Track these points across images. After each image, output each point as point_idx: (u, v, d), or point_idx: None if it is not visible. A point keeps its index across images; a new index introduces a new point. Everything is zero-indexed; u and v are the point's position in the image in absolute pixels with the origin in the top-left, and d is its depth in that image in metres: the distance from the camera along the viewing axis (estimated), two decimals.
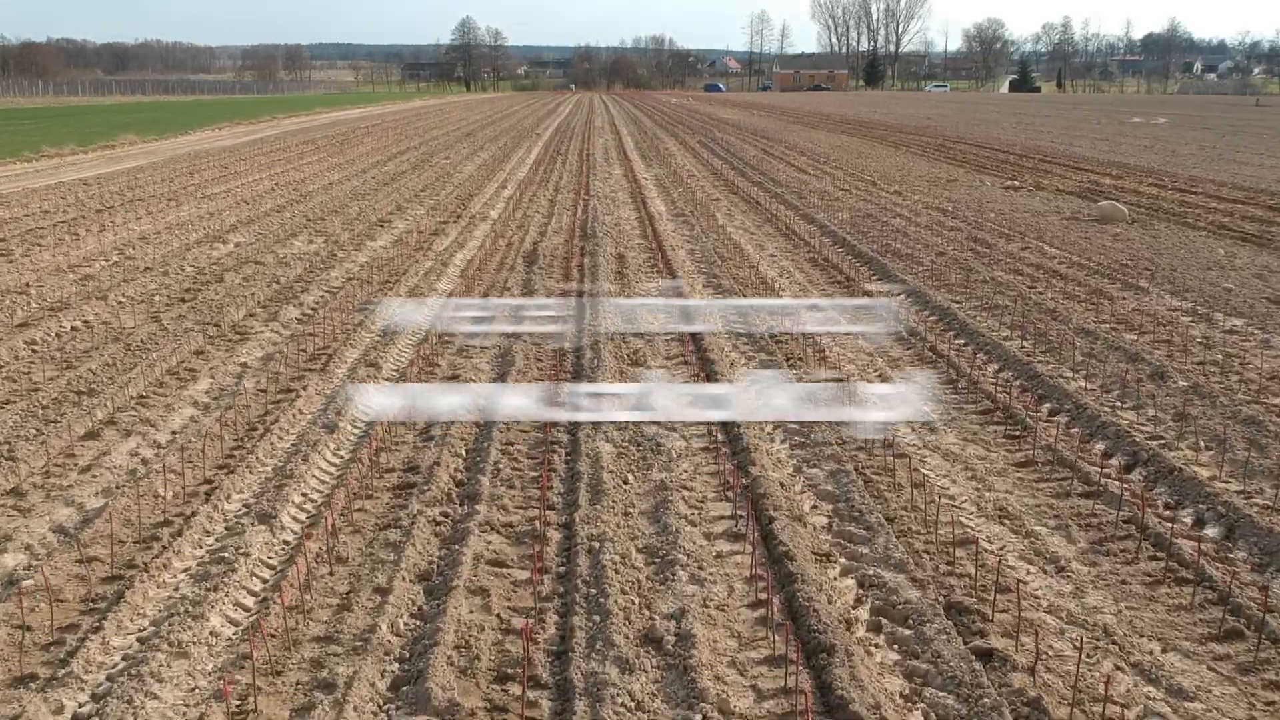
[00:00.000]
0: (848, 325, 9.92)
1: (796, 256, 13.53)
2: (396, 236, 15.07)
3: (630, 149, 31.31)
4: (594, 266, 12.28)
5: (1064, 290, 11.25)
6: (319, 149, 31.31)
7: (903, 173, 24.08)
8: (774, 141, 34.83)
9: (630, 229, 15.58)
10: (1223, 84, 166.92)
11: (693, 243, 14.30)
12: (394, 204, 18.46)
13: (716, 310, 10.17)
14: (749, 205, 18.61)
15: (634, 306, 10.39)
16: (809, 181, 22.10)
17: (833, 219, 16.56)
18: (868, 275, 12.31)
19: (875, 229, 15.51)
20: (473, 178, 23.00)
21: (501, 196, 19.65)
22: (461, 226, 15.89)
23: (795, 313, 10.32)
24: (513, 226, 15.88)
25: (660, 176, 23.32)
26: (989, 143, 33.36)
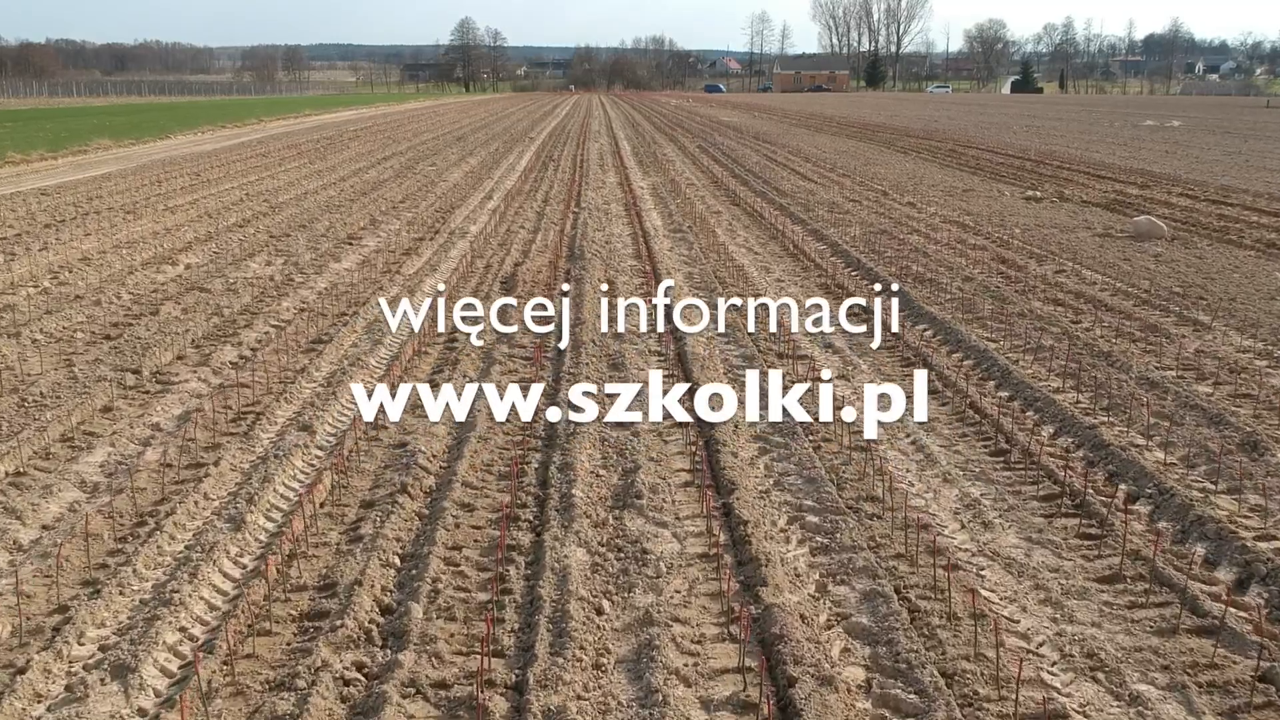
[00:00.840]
0: (866, 366, 8.55)
1: (807, 282, 12.14)
2: (364, 256, 13.68)
3: (626, 155, 29.94)
4: (579, 296, 10.90)
5: (1114, 326, 9.85)
6: (301, 154, 29.94)
7: (915, 181, 22.69)
8: (777, 146, 33.45)
9: (622, 247, 14.20)
10: (1225, 84, 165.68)
11: (690, 264, 12.91)
12: (368, 217, 17.08)
13: (719, 366, 8.80)
14: (752, 219, 17.22)
15: (619, 351, 9.03)
16: (816, 191, 20.71)
17: (844, 235, 15.18)
18: (887, 301, 10.93)
19: (891, 247, 14.13)
20: (457, 187, 21.62)
21: (486, 209, 18.27)
22: (438, 245, 14.50)
23: (808, 355, 8.96)
24: (494, 244, 14.50)
25: (657, 186, 21.94)
26: (1002, 148, 31.98)
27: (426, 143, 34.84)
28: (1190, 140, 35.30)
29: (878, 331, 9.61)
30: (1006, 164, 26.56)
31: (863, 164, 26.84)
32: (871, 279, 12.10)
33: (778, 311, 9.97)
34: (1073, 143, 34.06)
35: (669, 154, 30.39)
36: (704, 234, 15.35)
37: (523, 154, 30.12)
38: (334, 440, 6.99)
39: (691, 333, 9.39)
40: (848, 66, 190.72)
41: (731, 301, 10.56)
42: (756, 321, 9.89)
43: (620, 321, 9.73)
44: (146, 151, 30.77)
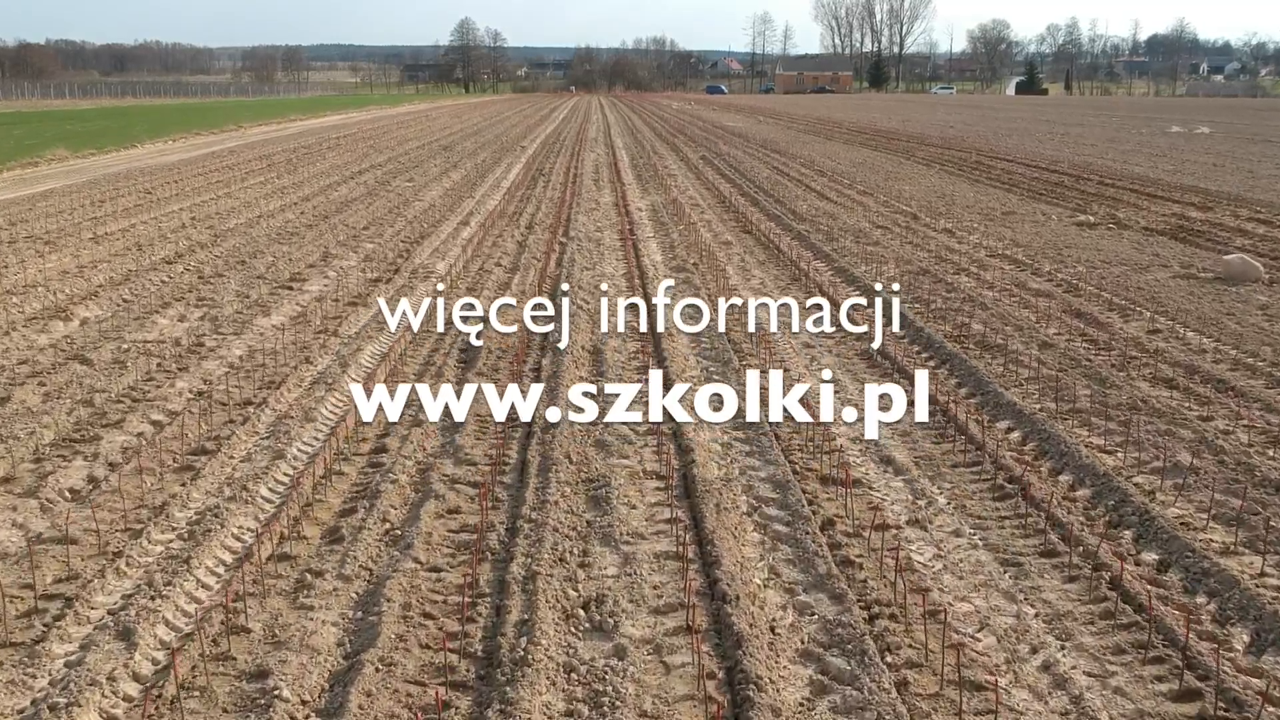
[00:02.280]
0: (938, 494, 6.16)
1: (844, 349, 9.75)
2: (302, 308, 11.30)
3: (624, 167, 27.54)
4: (553, 390, 8.49)
5: (1262, 426, 7.45)
6: (271, 166, 27.55)
7: (946, 201, 20.30)
8: (787, 157, 31.05)
9: (615, 293, 11.81)
10: (1231, 85, 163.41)
11: (697, 320, 10.53)
12: (322, 250, 14.70)
13: (743, 504, 6.40)
14: (768, 253, 14.82)
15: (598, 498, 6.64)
16: (837, 214, 18.31)
17: (878, 274, 12.81)
18: (949, 383, 8.54)
19: (939, 294, 11.74)
20: (433, 208, 19.23)
21: (459, 239, 15.87)
22: (393, 291, 12.12)
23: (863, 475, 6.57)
24: (460, 290, 12.11)
25: (658, 206, 19.56)
26: (1031, 158, 29.57)
27: (410, 152, 32.45)
28: (1232, 150, 32.85)
29: (954, 438, 7.22)
30: (1042, 179, 24.15)
31: (884, 179, 24.43)
32: (924, 344, 9.71)
33: (813, 398, 7.58)
34: (1105, 152, 31.64)
35: (670, 166, 27.99)
36: (713, 274, 12.97)
37: (511, 166, 27.72)
38: (157, 666, 4.57)
39: (701, 441, 7.01)
40: (850, 67, 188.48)
41: (755, 382, 8.17)
42: (786, 418, 7.47)
43: (611, 410, 7.31)
44: (104, 163, 28.39)
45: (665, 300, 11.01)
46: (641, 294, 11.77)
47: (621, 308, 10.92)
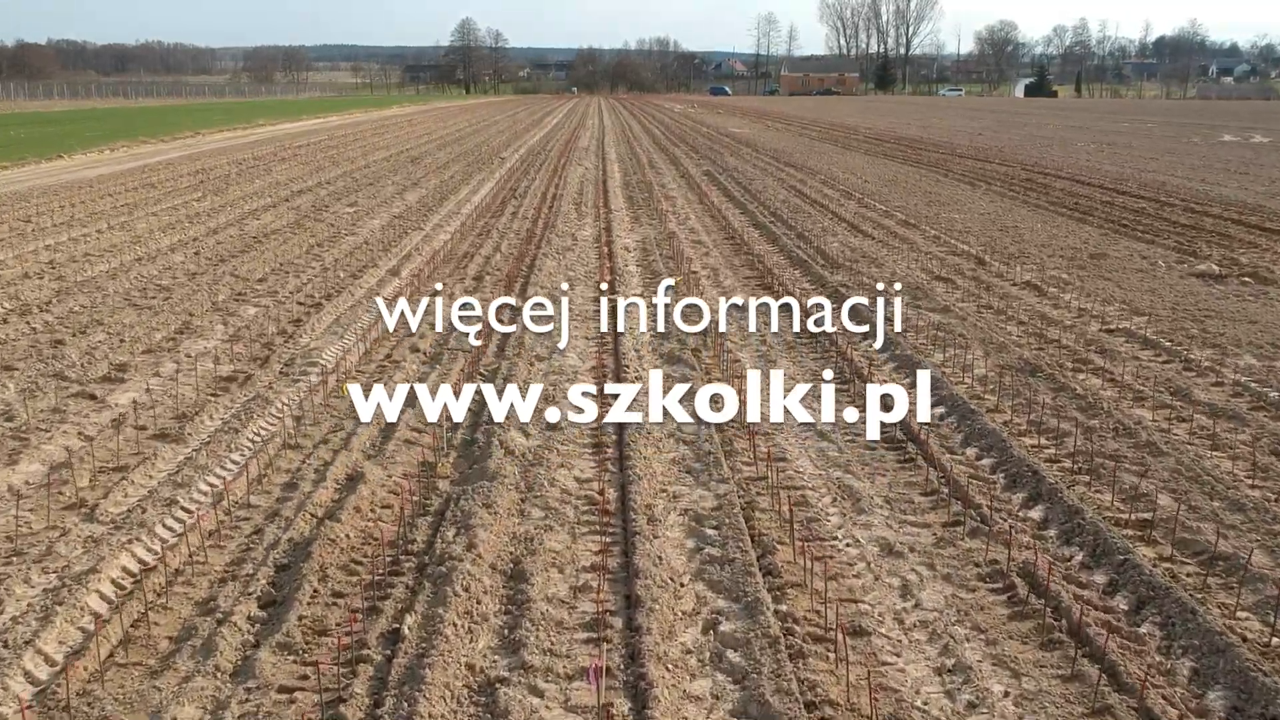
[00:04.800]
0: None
1: (955, 556, 5.66)
2: (84, 439, 7.22)
3: (614, 186, 23.48)
4: (430, 629, 4.45)
5: None
6: (203, 183, 23.49)
7: (1012, 236, 16.22)
8: (803, 171, 26.97)
9: (568, 425, 7.75)
10: (1244, 88, 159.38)
11: (702, 484, 6.47)
12: (183, 319, 10.66)
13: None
14: (798, 327, 10.74)
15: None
16: (879, 257, 14.24)
17: (957, 366, 8.77)
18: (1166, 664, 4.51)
19: (1066, 413, 7.65)
20: (365, 247, 15.18)
21: (379, 297, 11.80)
22: (240, 404, 8.05)
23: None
24: (340, 410, 8.05)
25: (650, 244, 15.51)
26: (1088, 175, 25.47)
27: (371, 165, 28.38)
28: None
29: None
30: (1115, 205, 20.05)
31: (924, 202, 20.34)
32: (1125, 579, 5.62)
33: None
34: (1171, 167, 27.51)
35: (669, 184, 23.91)
36: (722, 369, 8.91)
37: (482, 184, 23.64)
38: None
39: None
40: (856, 69, 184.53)
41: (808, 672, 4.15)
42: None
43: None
44: (6, 180, 24.33)
45: (651, 421, 6.95)
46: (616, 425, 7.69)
47: (573, 475, 6.87)
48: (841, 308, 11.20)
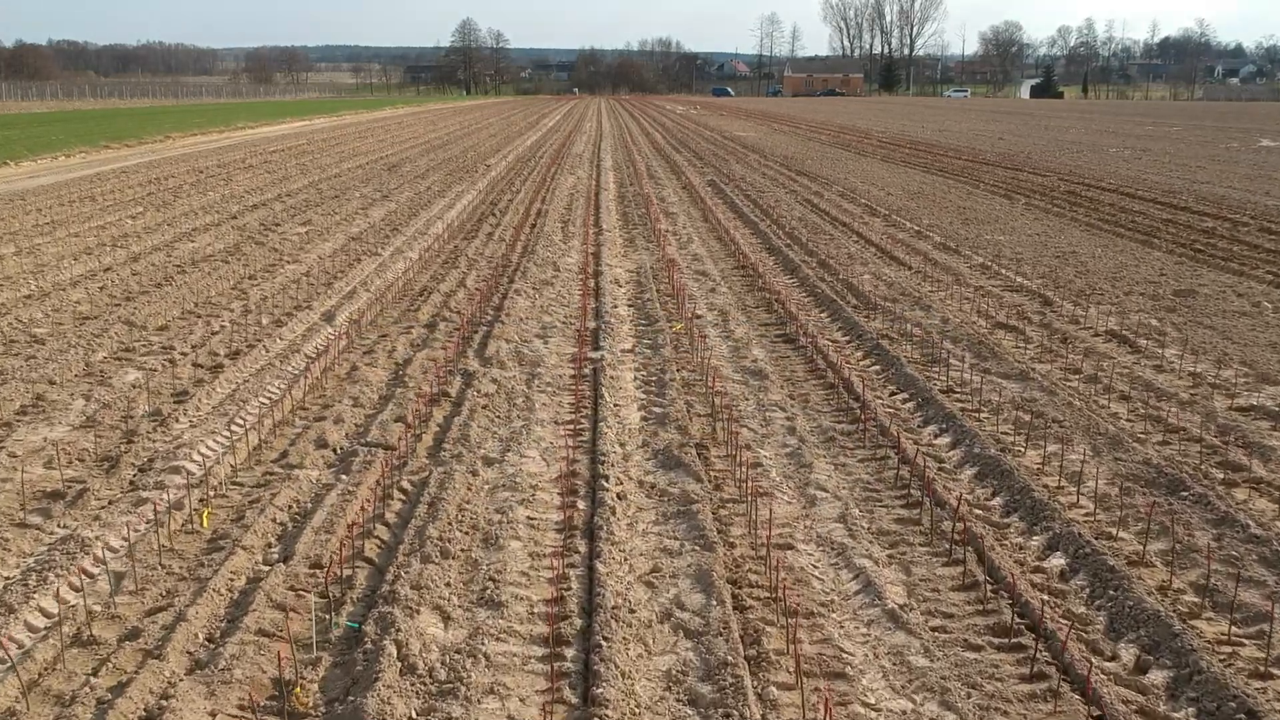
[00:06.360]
0: None
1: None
2: None
3: (608, 200, 21.00)
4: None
5: None
6: (151, 195, 21.01)
7: (1074, 266, 13.72)
8: (818, 182, 24.48)
9: (514, 569, 5.31)
10: (1250, 89, 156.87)
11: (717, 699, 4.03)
12: (36, 391, 8.20)
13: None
14: (835, 406, 8.23)
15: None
16: (921, 294, 11.75)
17: (1063, 474, 6.31)
18: None
19: (1220, 557, 5.19)
20: (306, 278, 12.71)
21: (292, 363, 9.31)
22: (44, 549, 5.57)
23: None
24: (188, 557, 5.57)
25: (645, 274, 13.04)
26: (1135, 187, 22.97)
27: (344, 174, 25.90)
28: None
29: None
30: (1179, 224, 17.56)
31: (960, 220, 17.85)
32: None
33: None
34: (1222, 178, 24.98)
35: (669, 197, 21.44)
36: (739, 479, 6.44)
37: (460, 197, 21.16)
38: None
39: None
40: (860, 69, 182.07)
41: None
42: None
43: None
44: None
45: (637, 575, 4.50)
46: (588, 546, 5.22)
47: (507, 713, 4.41)
48: (889, 374, 8.74)
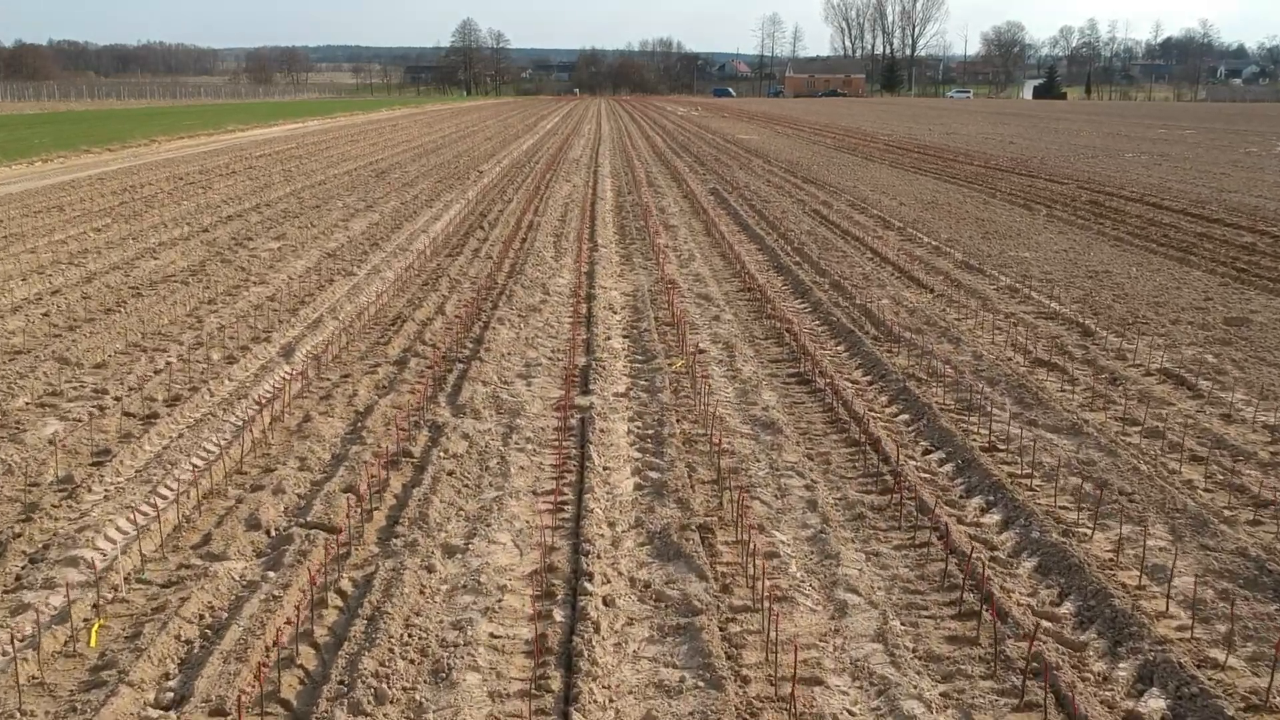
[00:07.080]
0: None
1: None
2: None
3: (605, 210, 19.88)
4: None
5: None
6: (122, 204, 19.89)
7: (1110, 289, 12.59)
8: (826, 191, 23.35)
9: (469, 717, 4.19)
10: (1254, 90, 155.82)
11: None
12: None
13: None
14: (859, 469, 7.09)
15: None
16: (946, 321, 10.62)
17: (1140, 565, 5.18)
18: None
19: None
20: (271, 302, 11.58)
21: (239, 410, 8.17)
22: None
23: None
24: (60, 696, 4.45)
25: (642, 298, 11.92)
26: (1160, 196, 21.82)
27: (329, 181, 24.77)
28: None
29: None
30: (1215, 237, 16.43)
31: (980, 235, 16.70)
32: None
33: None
34: (1250, 185, 23.82)
35: (669, 208, 20.32)
36: (750, 576, 5.31)
37: (449, 206, 20.04)
38: None
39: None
40: (862, 70, 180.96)
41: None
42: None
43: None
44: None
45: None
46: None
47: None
48: (921, 427, 7.62)
